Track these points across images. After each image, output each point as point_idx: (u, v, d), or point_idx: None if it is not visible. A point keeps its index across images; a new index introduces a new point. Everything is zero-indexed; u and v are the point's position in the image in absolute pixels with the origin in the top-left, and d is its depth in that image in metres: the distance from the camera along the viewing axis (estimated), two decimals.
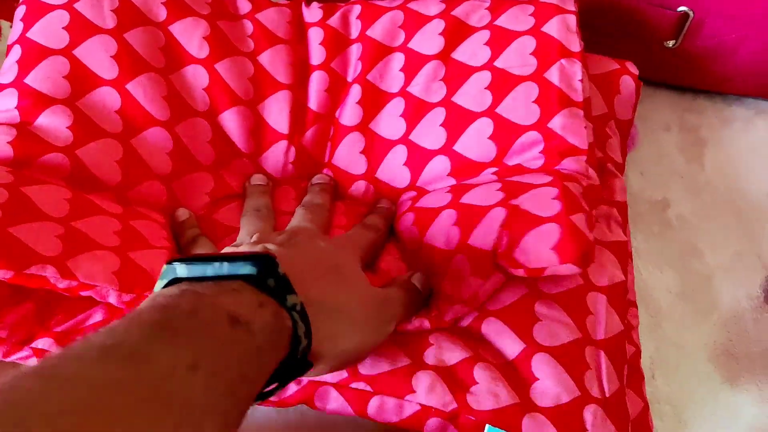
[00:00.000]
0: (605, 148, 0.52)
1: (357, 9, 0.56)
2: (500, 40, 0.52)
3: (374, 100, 0.54)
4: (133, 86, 0.50)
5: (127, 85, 0.50)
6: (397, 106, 0.53)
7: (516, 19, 0.53)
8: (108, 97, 0.49)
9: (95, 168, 0.48)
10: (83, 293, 0.43)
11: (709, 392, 0.52)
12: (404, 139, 0.51)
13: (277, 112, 0.53)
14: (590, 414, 0.43)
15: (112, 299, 0.43)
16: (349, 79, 0.55)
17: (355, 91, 0.54)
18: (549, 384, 0.43)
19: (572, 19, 0.52)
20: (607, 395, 0.44)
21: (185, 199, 0.51)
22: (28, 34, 0.50)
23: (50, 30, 0.50)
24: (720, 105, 0.66)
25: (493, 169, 0.49)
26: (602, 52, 0.57)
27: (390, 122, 0.53)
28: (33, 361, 0.45)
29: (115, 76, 0.50)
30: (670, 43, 0.61)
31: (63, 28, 0.50)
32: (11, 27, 0.53)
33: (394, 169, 0.52)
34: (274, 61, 0.54)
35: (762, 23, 0.58)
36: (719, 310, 0.55)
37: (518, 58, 0.51)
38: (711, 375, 0.52)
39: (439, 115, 0.51)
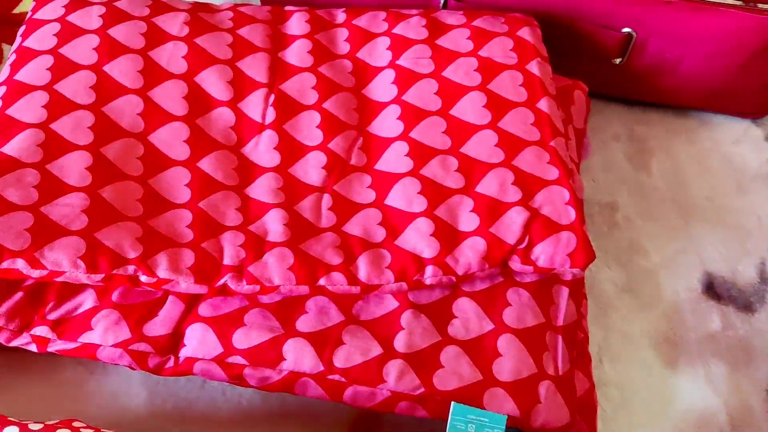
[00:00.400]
0: (567, 147, 0.58)
1: (345, 32, 0.62)
2: (479, 36, 0.60)
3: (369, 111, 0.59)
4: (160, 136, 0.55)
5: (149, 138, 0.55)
6: (395, 111, 0.58)
7: (492, 23, 0.61)
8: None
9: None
10: (57, 279, 0.47)
11: (652, 376, 0.57)
12: (404, 136, 0.56)
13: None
14: (544, 389, 0.49)
15: (84, 280, 0.47)
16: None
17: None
18: (511, 361, 0.49)
19: (538, 31, 0.61)
20: (560, 373, 0.50)
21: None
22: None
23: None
24: (669, 117, 0.72)
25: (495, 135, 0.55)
26: (557, 69, 0.63)
27: (389, 123, 0.58)
28: (33, 347, 0.50)
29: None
30: (618, 61, 0.68)
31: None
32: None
33: (391, 161, 0.56)
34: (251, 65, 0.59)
35: (699, 42, 0.65)
36: (661, 302, 0.60)
37: (501, 51, 0.59)
38: (653, 360, 0.58)
39: (439, 122, 0.56)
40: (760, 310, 0.61)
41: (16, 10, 0.78)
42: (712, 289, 0.61)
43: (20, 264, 0.46)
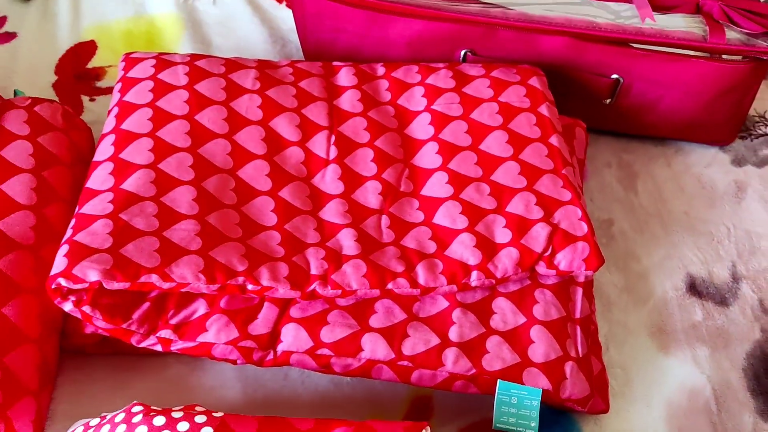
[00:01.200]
0: (574, 174, 0.71)
1: (386, 83, 0.75)
2: (498, 85, 0.73)
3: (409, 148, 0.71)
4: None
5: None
6: (433, 147, 0.70)
7: (506, 74, 0.75)
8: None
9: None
10: (182, 290, 0.59)
11: (648, 359, 0.70)
12: (443, 167, 0.68)
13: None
14: (569, 368, 0.61)
15: (204, 290, 0.59)
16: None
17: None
18: (542, 346, 0.61)
19: (544, 80, 0.75)
20: (580, 355, 0.62)
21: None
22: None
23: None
24: (650, 146, 0.86)
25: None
26: (558, 108, 0.77)
27: (429, 157, 0.70)
28: (159, 347, 0.61)
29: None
30: (608, 101, 0.81)
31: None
32: None
33: (434, 187, 0.68)
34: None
35: (674, 85, 0.79)
36: (653, 299, 0.74)
37: (516, 97, 0.72)
38: (649, 346, 0.71)
39: (471, 156, 0.69)
40: (734, 303, 0.74)
41: (90, 65, 0.90)
42: (694, 287, 0.75)
43: (154, 278, 0.58)
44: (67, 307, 0.58)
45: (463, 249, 0.63)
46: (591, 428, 0.65)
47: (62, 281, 0.56)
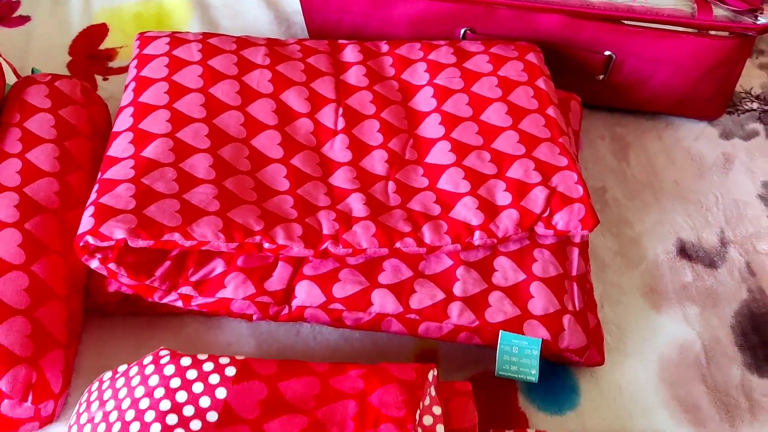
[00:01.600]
0: (570, 143, 0.74)
1: (389, 59, 0.78)
2: (497, 61, 0.77)
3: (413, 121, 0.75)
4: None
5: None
6: (436, 118, 0.74)
7: (505, 50, 0.78)
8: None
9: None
10: (203, 248, 0.62)
11: (641, 316, 0.74)
12: (446, 137, 0.72)
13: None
14: (566, 320, 0.65)
15: (223, 248, 0.62)
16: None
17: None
18: (541, 301, 0.65)
19: (541, 56, 0.78)
20: (577, 309, 0.66)
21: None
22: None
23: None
24: (640, 120, 0.90)
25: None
26: (554, 83, 0.80)
27: (432, 127, 0.74)
28: (179, 303, 0.64)
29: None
30: (600, 77, 0.85)
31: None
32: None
33: (437, 155, 0.71)
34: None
35: (664, 61, 0.83)
36: (645, 261, 0.77)
37: (514, 71, 0.76)
38: (642, 305, 0.74)
39: (472, 126, 0.73)
40: (722, 266, 0.78)
41: (102, 47, 0.93)
42: (684, 251, 0.78)
43: (177, 237, 0.61)
44: (94, 264, 0.61)
45: (466, 211, 0.67)
46: (587, 380, 0.69)
47: (90, 239, 0.60)
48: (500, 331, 0.63)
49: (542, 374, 0.67)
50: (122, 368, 0.58)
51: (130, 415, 0.53)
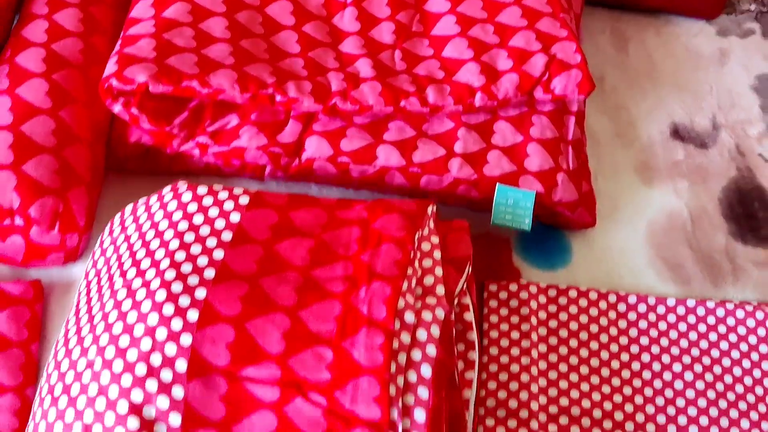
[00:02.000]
0: (570, 20, 0.78)
1: None
2: None
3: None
4: None
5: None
6: None
7: None
8: None
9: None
10: (219, 97, 0.66)
11: (634, 190, 0.77)
12: (452, 11, 0.75)
13: None
14: (560, 177, 0.69)
15: (238, 99, 0.66)
16: None
17: None
18: (536, 159, 0.68)
19: None
20: (570, 169, 0.70)
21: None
22: None
23: None
24: (639, 17, 0.92)
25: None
26: None
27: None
28: (197, 152, 0.68)
29: None
30: None
31: None
32: None
33: (443, 27, 0.74)
34: None
35: None
36: (640, 141, 0.81)
37: None
38: (635, 180, 0.78)
39: (477, 2, 0.76)
40: (712, 147, 0.81)
41: None
42: (677, 132, 0.82)
43: (195, 84, 0.65)
44: (117, 108, 0.65)
45: (469, 75, 0.70)
46: (580, 242, 0.73)
47: (114, 82, 0.64)
48: (497, 183, 0.67)
49: (536, 235, 0.71)
50: (142, 200, 0.62)
51: (150, 235, 0.58)
